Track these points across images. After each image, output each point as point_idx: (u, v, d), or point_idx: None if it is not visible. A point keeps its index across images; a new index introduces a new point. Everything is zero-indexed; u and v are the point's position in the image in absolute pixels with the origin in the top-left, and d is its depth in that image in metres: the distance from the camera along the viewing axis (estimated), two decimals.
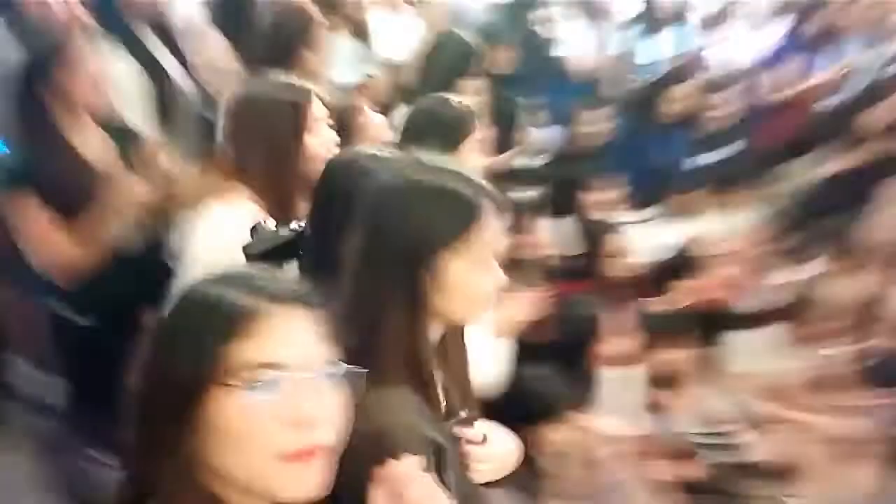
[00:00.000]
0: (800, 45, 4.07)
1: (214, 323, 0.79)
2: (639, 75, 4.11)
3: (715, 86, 3.91)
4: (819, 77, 3.94)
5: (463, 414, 1.18)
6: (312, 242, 1.58)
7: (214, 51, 2.93)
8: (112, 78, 2.41)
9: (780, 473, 2.51)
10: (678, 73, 3.83)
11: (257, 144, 1.83)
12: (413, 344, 1.06)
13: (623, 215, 3.39)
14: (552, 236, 3.26)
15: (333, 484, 0.84)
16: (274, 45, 2.60)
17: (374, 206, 1.12)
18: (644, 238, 3.32)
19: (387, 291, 1.06)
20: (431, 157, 1.17)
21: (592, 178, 3.35)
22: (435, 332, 1.11)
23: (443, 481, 1.00)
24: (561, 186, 3.40)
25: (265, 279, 0.85)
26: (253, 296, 0.81)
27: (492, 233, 1.08)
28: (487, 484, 1.25)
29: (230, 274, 0.87)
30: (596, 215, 3.22)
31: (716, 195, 3.52)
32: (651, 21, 4.19)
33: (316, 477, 0.81)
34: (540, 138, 3.65)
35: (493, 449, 1.20)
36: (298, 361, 0.80)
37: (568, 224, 3.28)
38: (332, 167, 1.65)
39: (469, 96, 2.40)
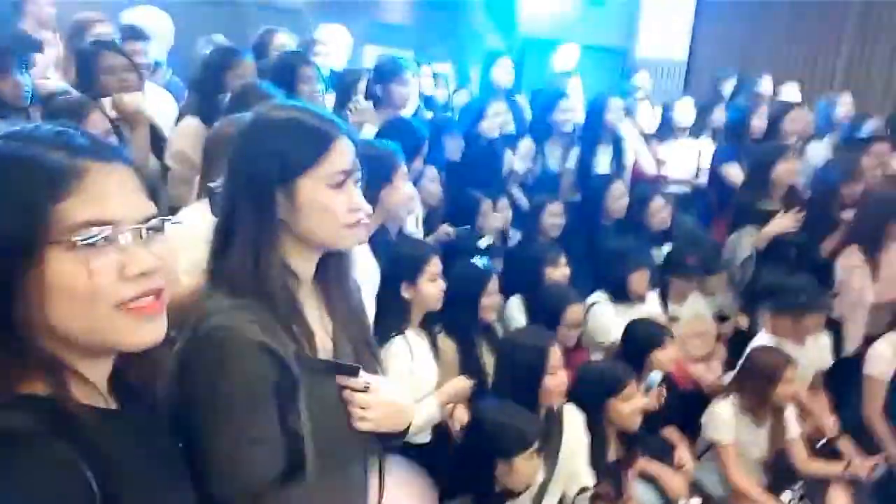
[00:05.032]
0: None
1: (39, 184, 0.78)
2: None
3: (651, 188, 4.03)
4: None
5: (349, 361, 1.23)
6: None
7: None
8: None
9: None
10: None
11: None
12: (260, 257, 1.16)
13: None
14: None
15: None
16: None
17: (235, 139, 1.24)
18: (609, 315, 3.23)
19: (242, 209, 1.17)
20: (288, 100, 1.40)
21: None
22: (304, 261, 1.23)
23: (292, 399, 1.11)
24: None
25: (79, 137, 0.84)
26: (71, 154, 0.81)
27: (342, 159, 1.18)
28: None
29: (38, 133, 0.83)
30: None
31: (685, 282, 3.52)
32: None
33: (154, 322, 0.85)
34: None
35: (376, 398, 1.23)
36: (125, 215, 0.82)
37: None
38: None
39: None
